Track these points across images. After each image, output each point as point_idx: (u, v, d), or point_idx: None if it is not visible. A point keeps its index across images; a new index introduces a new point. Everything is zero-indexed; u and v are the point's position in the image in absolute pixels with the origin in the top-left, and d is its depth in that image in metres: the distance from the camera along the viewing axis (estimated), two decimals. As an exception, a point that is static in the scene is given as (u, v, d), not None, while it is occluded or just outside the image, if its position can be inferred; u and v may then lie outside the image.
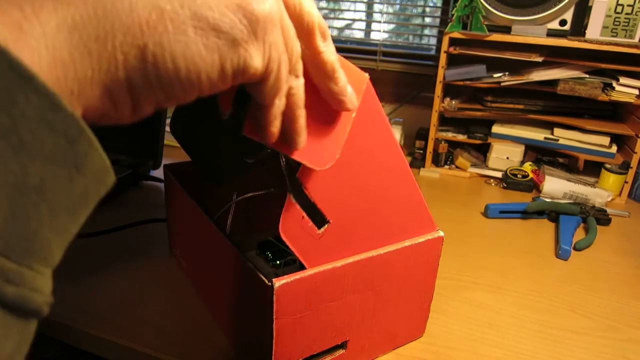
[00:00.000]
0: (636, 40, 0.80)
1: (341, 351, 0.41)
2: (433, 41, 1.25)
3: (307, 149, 0.32)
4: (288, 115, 0.29)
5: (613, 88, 0.81)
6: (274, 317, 0.34)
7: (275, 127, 0.29)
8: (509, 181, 0.88)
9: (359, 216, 0.38)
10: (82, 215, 0.19)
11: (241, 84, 0.25)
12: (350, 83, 0.32)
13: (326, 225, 0.36)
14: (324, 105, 0.32)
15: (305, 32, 0.28)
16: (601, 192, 0.81)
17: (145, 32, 0.20)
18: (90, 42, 0.19)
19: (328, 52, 0.29)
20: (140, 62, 0.20)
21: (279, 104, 0.27)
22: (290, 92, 0.28)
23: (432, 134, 0.93)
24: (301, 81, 0.29)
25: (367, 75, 0.35)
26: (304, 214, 0.35)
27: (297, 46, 0.27)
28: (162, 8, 0.20)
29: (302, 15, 0.27)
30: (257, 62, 0.23)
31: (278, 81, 0.26)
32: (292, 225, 0.34)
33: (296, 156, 0.31)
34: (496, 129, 0.93)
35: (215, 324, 0.47)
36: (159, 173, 0.79)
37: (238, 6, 0.22)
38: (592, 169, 0.91)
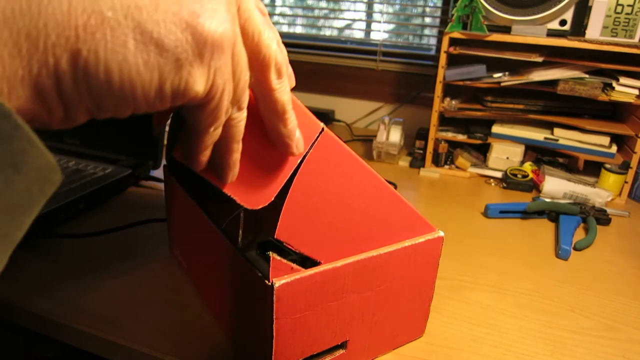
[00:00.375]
0: (636, 40, 0.80)
1: (341, 351, 0.41)
2: (433, 41, 1.25)
3: (240, 185, 0.30)
4: (222, 147, 0.27)
5: (613, 88, 0.81)
6: (274, 317, 0.34)
7: (205, 156, 0.27)
8: (509, 181, 0.88)
9: (350, 246, 0.38)
10: (27, 218, 0.18)
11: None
12: (301, 129, 0.31)
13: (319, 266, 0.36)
14: (268, 144, 0.31)
15: (259, 65, 0.26)
16: (601, 192, 0.81)
17: (81, 36, 0.18)
18: (20, 40, 0.17)
19: (281, 90, 0.28)
20: (71, 67, 0.19)
21: (214, 133, 0.26)
22: (229, 124, 0.26)
23: (432, 134, 0.93)
24: (244, 114, 0.27)
25: (321, 125, 0.33)
26: (293, 265, 0.35)
27: (245, 77, 0.25)
28: (103, 14, 0.18)
29: (260, 47, 0.25)
30: (199, 86, 0.22)
31: (218, 110, 0.24)
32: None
33: (227, 190, 0.30)
34: (496, 129, 0.93)
35: (215, 324, 0.47)
36: (159, 173, 0.79)
37: (187, 24, 0.20)
38: (592, 169, 0.91)
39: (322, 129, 0.33)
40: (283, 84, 0.28)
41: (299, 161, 0.32)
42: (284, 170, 0.32)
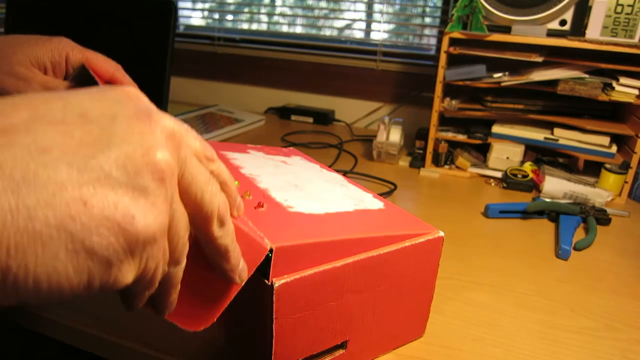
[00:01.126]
0: (636, 40, 0.80)
1: (341, 351, 0.41)
2: (433, 41, 1.25)
3: (180, 309, 0.30)
4: (158, 292, 0.27)
5: (613, 88, 0.81)
6: (274, 317, 0.34)
7: (140, 305, 0.27)
8: (509, 181, 0.88)
9: None
10: None
11: None
12: (246, 254, 0.31)
13: None
14: (209, 269, 0.30)
15: (202, 219, 0.26)
16: (601, 192, 0.81)
17: (12, 254, 0.18)
18: None
19: (223, 236, 0.28)
20: None
21: (147, 293, 0.25)
22: (166, 277, 0.26)
23: (432, 134, 0.93)
24: (182, 265, 0.27)
25: (267, 246, 0.32)
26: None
27: (184, 239, 0.25)
28: (36, 232, 0.18)
29: (202, 205, 0.26)
30: (128, 278, 0.22)
31: (149, 283, 0.24)
32: None
33: (166, 316, 0.30)
34: (496, 129, 0.93)
35: (215, 323, 0.47)
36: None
37: (119, 227, 0.20)
38: (592, 169, 0.91)
39: (271, 250, 0.32)
40: (225, 230, 0.28)
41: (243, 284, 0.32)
42: (228, 294, 0.32)
